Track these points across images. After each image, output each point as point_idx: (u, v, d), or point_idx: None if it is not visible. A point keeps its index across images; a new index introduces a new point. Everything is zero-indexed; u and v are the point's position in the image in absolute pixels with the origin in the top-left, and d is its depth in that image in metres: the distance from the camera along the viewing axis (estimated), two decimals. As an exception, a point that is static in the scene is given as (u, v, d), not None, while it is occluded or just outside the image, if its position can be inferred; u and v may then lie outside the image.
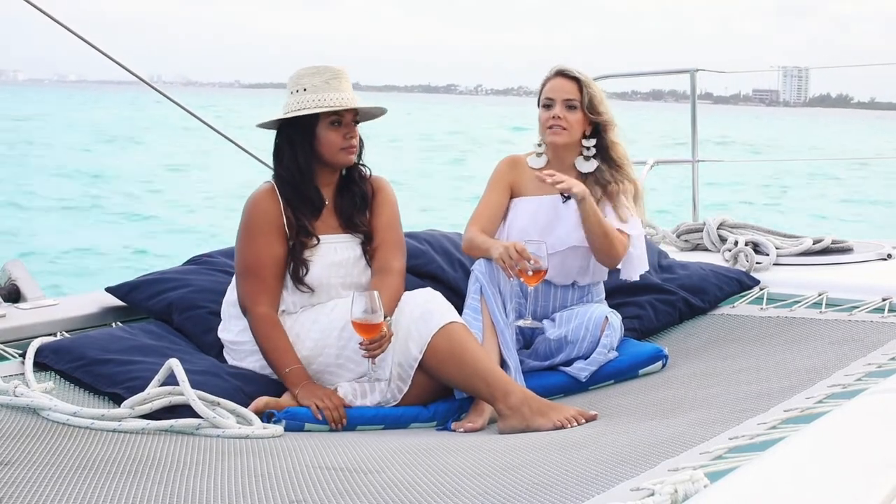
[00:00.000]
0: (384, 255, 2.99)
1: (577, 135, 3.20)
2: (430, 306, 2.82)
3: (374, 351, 2.69)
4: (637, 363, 3.12)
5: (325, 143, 2.91)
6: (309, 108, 2.88)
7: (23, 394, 2.48)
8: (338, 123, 2.91)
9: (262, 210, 2.93)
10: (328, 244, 2.95)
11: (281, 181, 2.95)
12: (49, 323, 3.18)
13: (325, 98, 2.88)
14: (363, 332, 2.66)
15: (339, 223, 3.00)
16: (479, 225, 3.19)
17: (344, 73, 2.93)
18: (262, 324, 2.85)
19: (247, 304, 2.89)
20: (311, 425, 2.66)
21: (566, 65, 3.24)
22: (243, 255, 2.93)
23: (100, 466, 2.10)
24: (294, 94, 2.92)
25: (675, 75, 5.52)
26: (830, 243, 4.27)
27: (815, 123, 65.31)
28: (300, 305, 2.93)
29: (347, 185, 3.03)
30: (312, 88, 2.89)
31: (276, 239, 2.90)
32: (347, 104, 2.90)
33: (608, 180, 3.19)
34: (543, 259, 2.93)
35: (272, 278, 2.89)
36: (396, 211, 3.08)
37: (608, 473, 1.89)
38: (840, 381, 2.52)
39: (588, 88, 3.19)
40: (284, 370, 2.78)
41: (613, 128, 3.24)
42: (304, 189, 2.94)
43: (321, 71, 2.91)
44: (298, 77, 2.93)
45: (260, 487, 1.97)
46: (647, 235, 4.45)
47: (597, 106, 3.19)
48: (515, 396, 2.68)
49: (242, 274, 2.93)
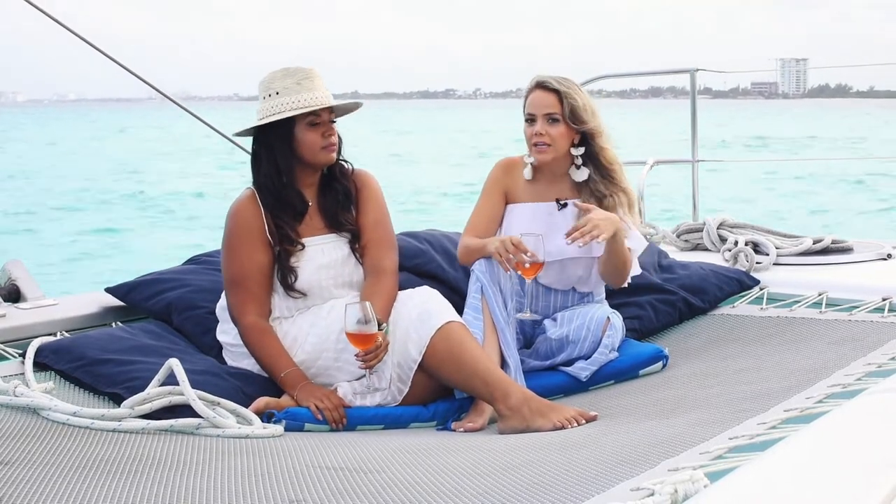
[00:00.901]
0: (375, 255, 2.96)
1: (563, 148, 3.14)
2: (428, 306, 2.81)
3: (371, 361, 2.68)
4: (637, 363, 3.12)
5: (304, 145, 2.88)
6: (285, 111, 2.84)
7: (23, 394, 2.48)
8: (315, 123, 2.88)
9: (242, 219, 2.90)
10: (315, 246, 2.93)
11: (260, 188, 2.91)
12: (49, 323, 3.19)
13: (300, 99, 2.85)
14: (358, 343, 2.64)
15: (325, 223, 2.97)
16: (474, 234, 3.16)
17: (315, 72, 2.91)
18: (252, 333, 2.84)
19: (235, 314, 2.88)
20: (310, 425, 2.66)
21: (545, 75, 3.15)
22: (228, 265, 2.91)
23: (100, 466, 2.10)
24: (267, 99, 2.88)
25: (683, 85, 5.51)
26: (830, 243, 4.27)
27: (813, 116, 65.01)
28: (295, 309, 2.91)
29: (329, 184, 2.99)
30: (285, 91, 2.86)
31: (259, 247, 2.88)
32: (324, 103, 2.87)
33: (603, 193, 3.13)
34: (541, 252, 2.91)
35: (258, 287, 2.87)
36: (383, 205, 3.04)
37: (608, 473, 1.89)
38: (840, 381, 2.52)
39: (568, 99, 3.09)
40: (280, 375, 2.77)
41: (600, 134, 3.14)
42: (286, 194, 2.90)
43: (291, 72, 2.88)
44: (269, 81, 2.90)
45: (260, 487, 1.97)
46: (647, 236, 4.45)
47: (580, 115, 3.10)
48: (515, 397, 2.68)
49: (229, 285, 2.91)
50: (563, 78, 3.15)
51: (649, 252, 3.66)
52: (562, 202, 3.19)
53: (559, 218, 3.18)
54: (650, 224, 4.81)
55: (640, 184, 4.98)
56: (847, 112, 59.99)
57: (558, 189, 3.21)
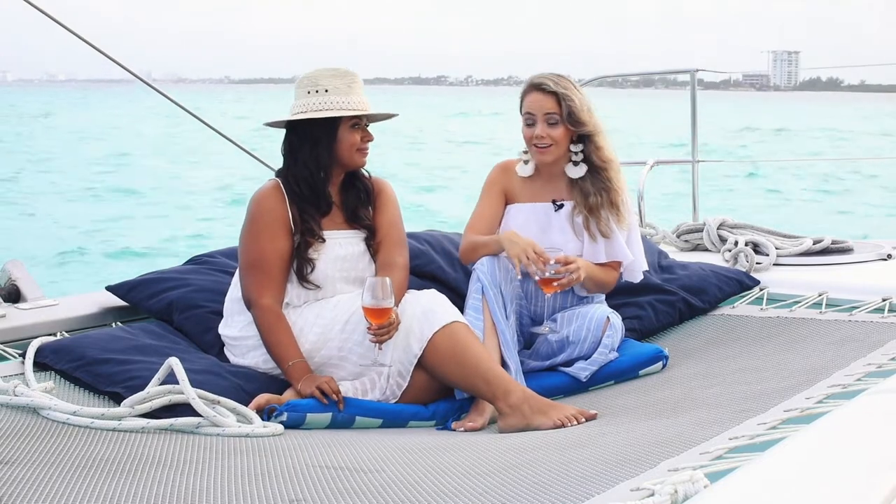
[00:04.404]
0: (388, 252, 3.05)
1: (564, 147, 3.16)
2: (434, 306, 2.85)
3: (383, 336, 2.74)
4: (637, 364, 3.12)
5: (344, 144, 2.98)
6: (335, 110, 2.94)
7: (23, 393, 2.48)
8: (357, 126, 3.00)
9: (267, 207, 2.97)
10: (333, 239, 3.00)
11: (292, 178, 2.99)
12: (49, 323, 3.19)
13: (350, 101, 2.97)
14: (373, 316, 2.71)
15: (344, 218, 3.06)
16: (476, 232, 3.19)
17: (359, 78, 3.04)
18: (266, 316, 2.87)
19: (251, 296, 2.92)
20: (312, 416, 2.66)
21: (542, 75, 3.16)
22: (248, 249, 2.96)
23: (100, 465, 2.10)
24: (315, 95, 2.96)
25: (674, 75, 5.52)
26: (830, 243, 4.27)
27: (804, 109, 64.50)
28: (304, 300, 2.97)
29: (352, 182, 3.09)
30: (335, 90, 2.97)
31: (281, 234, 2.94)
32: (371, 109, 3.01)
33: (589, 191, 3.16)
34: (563, 273, 2.97)
35: (277, 272, 2.93)
36: (398, 210, 3.15)
37: (608, 473, 1.89)
38: (840, 381, 2.52)
39: (566, 101, 3.11)
40: (287, 364, 2.81)
41: (598, 133, 3.16)
42: (320, 187, 2.99)
43: (341, 73, 2.99)
44: (316, 78, 2.98)
45: (260, 486, 1.97)
46: (647, 236, 4.46)
47: (578, 116, 3.12)
48: (515, 395, 2.69)
49: (247, 268, 2.95)
50: (559, 77, 3.16)
51: (650, 252, 3.66)
52: (558, 203, 3.22)
53: (556, 219, 3.21)
54: (650, 224, 4.81)
55: (641, 184, 4.98)
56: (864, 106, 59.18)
57: (554, 188, 3.24)
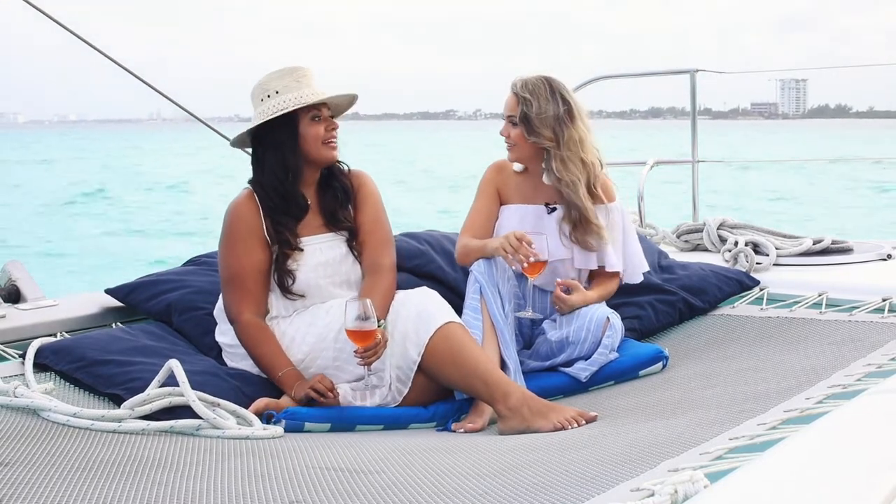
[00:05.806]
0: (373, 253, 2.97)
1: (525, 149, 3.15)
2: (427, 307, 2.81)
3: (369, 358, 2.68)
4: (637, 364, 3.12)
5: (308, 139, 2.91)
6: (289, 107, 2.86)
7: (23, 394, 2.48)
8: (318, 118, 2.92)
9: (240, 217, 2.91)
10: (312, 245, 2.94)
11: (262, 188, 2.92)
12: (49, 323, 3.18)
13: (301, 95, 2.89)
14: (357, 339, 2.66)
15: (323, 222, 2.98)
16: (472, 234, 3.19)
17: (310, 70, 2.95)
18: (248, 331, 2.84)
19: (232, 313, 2.89)
20: (310, 424, 2.66)
21: (519, 78, 3.15)
22: (225, 263, 2.92)
23: (100, 467, 2.09)
24: (267, 100, 2.90)
25: (674, 76, 5.51)
26: (830, 244, 4.27)
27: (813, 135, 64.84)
28: (293, 309, 2.91)
29: (328, 182, 3.01)
30: (285, 89, 2.89)
31: (257, 246, 2.88)
32: (326, 96, 2.91)
33: (556, 201, 3.19)
34: (544, 251, 2.95)
35: (255, 285, 2.87)
36: (381, 205, 3.06)
37: (608, 474, 1.89)
38: (840, 381, 2.52)
39: (523, 105, 3.09)
40: (278, 374, 2.78)
41: (557, 147, 3.08)
42: (290, 192, 2.91)
43: (288, 71, 2.91)
44: (265, 83, 2.92)
45: (260, 488, 1.97)
46: (647, 236, 4.46)
47: (532, 123, 3.08)
48: (515, 397, 2.68)
49: (226, 282, 2.92)
50: (537, 81, 3.13)
51: (650, 252, 3.66)
52: (550, 206, 3.23)
53: (548, 221, 3.22)
54: (650, 224, 4.81)
55: (641, 184, 4.98)
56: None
57: (546, 190, 3.24)
